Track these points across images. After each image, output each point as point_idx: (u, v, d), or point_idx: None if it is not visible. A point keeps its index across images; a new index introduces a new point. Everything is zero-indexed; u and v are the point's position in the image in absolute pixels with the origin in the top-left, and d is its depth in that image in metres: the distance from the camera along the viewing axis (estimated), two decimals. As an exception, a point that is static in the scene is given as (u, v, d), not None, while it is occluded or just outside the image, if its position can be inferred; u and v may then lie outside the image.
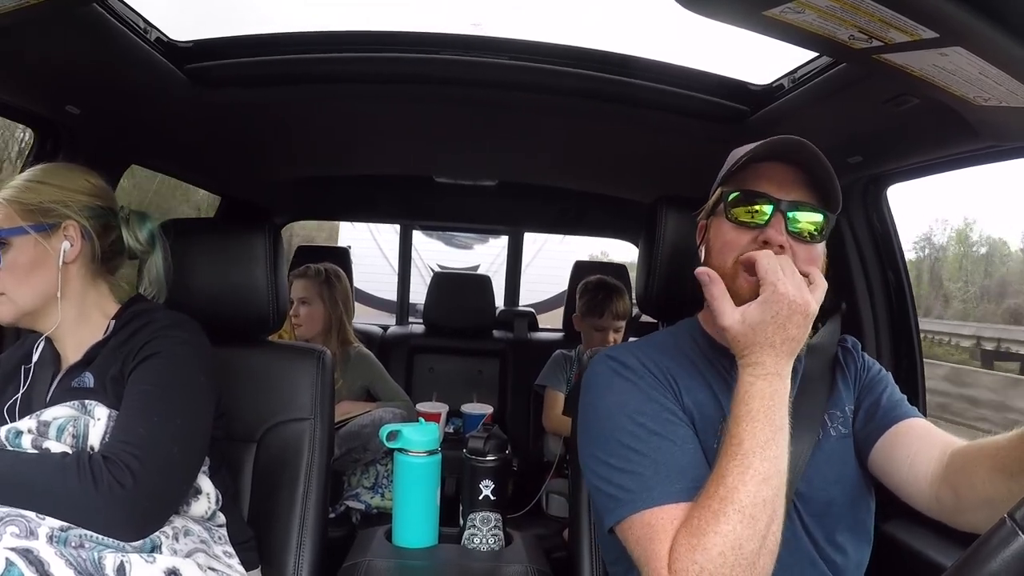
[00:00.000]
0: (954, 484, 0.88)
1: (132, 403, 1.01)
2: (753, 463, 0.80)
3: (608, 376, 1.00)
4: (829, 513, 0.97)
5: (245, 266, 1.35)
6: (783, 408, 0.84)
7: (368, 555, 1.42)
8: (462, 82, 1.45)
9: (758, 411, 0.83)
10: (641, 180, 2.26)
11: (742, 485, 0.79)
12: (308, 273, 2.39)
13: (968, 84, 0.88)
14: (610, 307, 2.51)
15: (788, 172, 0.97)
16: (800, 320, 0.84)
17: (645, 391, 0.97)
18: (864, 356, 1.10)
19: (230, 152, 2.10)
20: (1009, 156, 1.22)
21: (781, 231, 0.94)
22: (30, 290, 1.07)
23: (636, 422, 0.93)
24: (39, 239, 1.07)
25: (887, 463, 0.97)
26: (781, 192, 0.96)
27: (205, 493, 1.09)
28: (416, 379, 2.97)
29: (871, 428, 1.00)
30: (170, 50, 1.35)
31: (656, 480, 0.88)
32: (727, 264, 0.96)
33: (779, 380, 0.85)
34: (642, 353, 1.03)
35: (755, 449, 0.81)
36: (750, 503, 0.78)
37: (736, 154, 1.04)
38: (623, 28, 2.75)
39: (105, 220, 1.14)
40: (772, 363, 0.85)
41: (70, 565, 0.86)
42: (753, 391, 0.84)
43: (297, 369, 1.40)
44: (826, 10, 0.79)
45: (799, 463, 0.95)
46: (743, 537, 0.77)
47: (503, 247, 4.03)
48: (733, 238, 0.97)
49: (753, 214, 0.96)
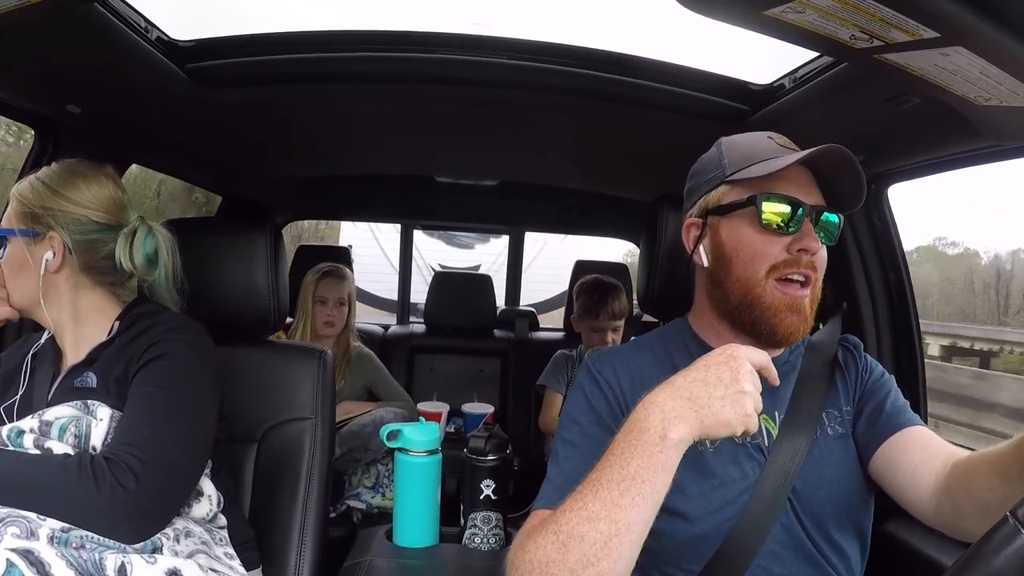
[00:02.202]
0: (953, 493, 0.87)
1: (136, 405, 1.01)
2: (587, 497, 0.76)
3: (581, 380, 1.05)
4: (826, 511, 0.97)
5: (246, 266, 1.35)
6: (645, 461, 0.74)
7: (369, 555, 1.42)
8: (463, 81, 1.45)
9: (623, 448, 0.76)
10: (642, 179, 2.26)
11: (569, 511, 0.76)
12: (344, 274, 2.40)
13: (969, 84, 0.88)
14: (606, 308, 2.50)
15: (805, 174, 0.96)
16: (729, 418, 0.75)
17: (590, 403, 1.00)
18: (866, 357, 1.09)
19: (231, 151, 2.10)
20: (1010, 156, 1.22)
21: (815, 236, 0.93)
22: (16, 290, 1.10)
23: (571, 431, 0.98)
24: (24, 245, 1.08)
25: (889, 470, 0.96)
26: (804, 195, 0.94)
27: (207, 495, 1.09)
28: (417, 379, 2.97)
29: (873, 433, 0.99)
30: (171, 49, 1.35)
31: (552, 486, 0.93)
32: (759, 274, 0.94)
33: (663, 441, 0.74)
34: (622, 360, 1.04)
35: (598, 483, 0.76)
36: (566, 532, 0.75)
37: (736, 146, 1.02)
38: (624, 27, 2.74)
39: (93, 236, 1.10)
40: (675, 421, 0.75)
41: (71, 566, 0.86)
42: (632, 425, 0.77)
43: (298, 369, 1.40)
44: (827, 10, 0.79)
45: (796, 461, 0.95)
46: (551, 559, 0.75)
47: (504, 247, 4.03)
48: (764, 246, 0.94)
49: (786, 221, 0.94)
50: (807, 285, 0.95)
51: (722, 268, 0.98)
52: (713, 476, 0.95)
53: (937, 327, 13.54)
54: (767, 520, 0.93)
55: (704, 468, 0.95)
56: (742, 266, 0.96)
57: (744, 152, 0.99)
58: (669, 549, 0.94)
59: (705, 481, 0.94)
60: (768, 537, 0.93)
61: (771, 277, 0.94)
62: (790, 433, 0.97)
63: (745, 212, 0.96)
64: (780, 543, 0.95)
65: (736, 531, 0.93)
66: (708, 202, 1.01)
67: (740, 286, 0.96)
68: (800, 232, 0.93)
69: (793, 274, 0.94)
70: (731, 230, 0.98)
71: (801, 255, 0.93)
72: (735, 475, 0.95)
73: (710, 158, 1.05)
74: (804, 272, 0.94)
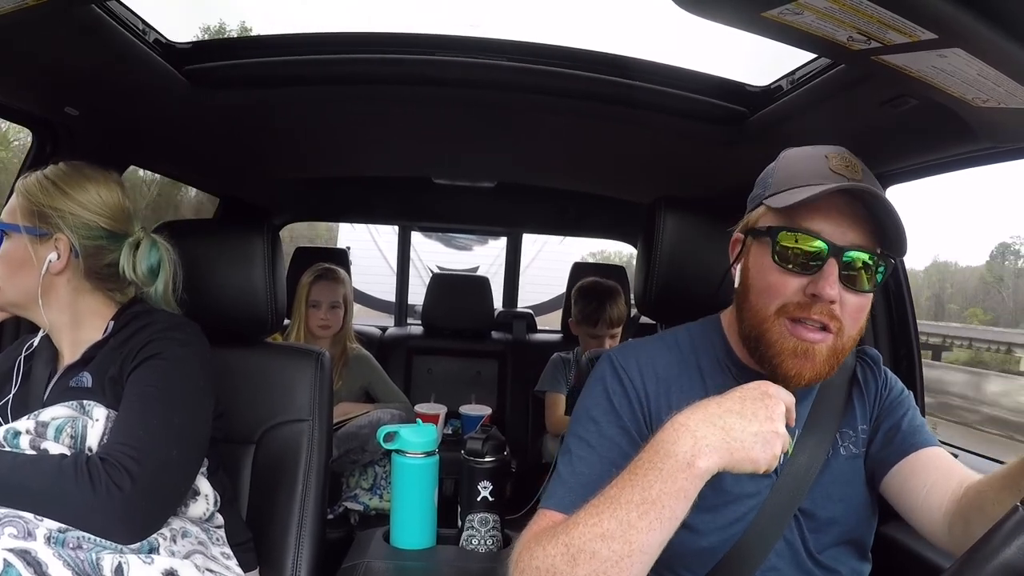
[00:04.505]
0: (966, 514, 0.85)
1: (131, 405, 1.01)
2: (604, 513, 0.74)
3: (602, 374, 1.00)
4: (831, 530, 0.96)
5: (243, 267, 1.35)
6: (668, 487, 0.72)
7: (366, 556, 1.42)
8: (460, 83, 1.45)
9: (647, 468, 0.74)
10: (640, 181, 2.26)
11: (582, 525, 0.75)
12: (338, 276, 2.39)
13: (967, 85, 0.88)
14: (603, 316, 2.50)
15: (849, 206, 0.87)
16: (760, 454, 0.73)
17: (611, 402, 0.96)
18: (886, 373, 1.05)
19: (229, 153, 2.09)
20: (1008, 157, 1.22)
21: (834, 283, 0.85)
22: (13, 287, 1.08)
23: (588, 428, 0.95)
24: (28, 243, 1.07)
25: (902, 489, 0.95)
26: (839, 232, 0.86)
27: (203, 495, 1.09)
28: (415, 380, 2.97)
29: (889, 452, 0.97)
30: (169, 51, 1.35)
31: (564, 487, 0.90)
32: (768, 310, 0.89)
33: (690, 469, 0.72)
34: (647, 357, 1.00)
35: (616, 501, 0.74)
36: (577, 546, 0.74)
37: (789, 162, 0.94)
38: (621, 29, 2.76)
39: (100, 242, 1.10)
40: (705, 450, 0.72)
41: (68, 566, 0.86)
42: (660, 447, 0.75)
43: (295, 370, 1.40)
44: (824, 11, 0.79)
45: (806, 480, 0.94)
46: (559, 570, 0.74)
47: (502, 248, 4.03)
48: (777, 282, 0.88)
49: (804, 261, 0.87)
50: (826, 331, 0.87)
51: (743, 294, 0.94)
52: (727, 492, 0.94)
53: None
54: (772, 534, 0.93)
55: (719, 484, 0.91)
56: (756, 297, 0.91)
57: (792, 171, 0.92)
58: (674, 557, 0.93)
59: (718, 496, 0.93)
60: (771, 551, 0.93)
61: (781, 316, 0.88)
62: (804, 451, 0.96)
63: (768, 241, 0.90)
64: (782, 558, 0.95)
65: (741, 543, 0.93)
66: (749, 221, 0.96)
67: (751, 316, 0.92)
68: (819, 275, 0.86)
69: (804, 318, 0.87)
70: (756, 257, 0.93)
71: (815, 300, 0.86)
72: (748, 490, 0.94)
73: (767, 170, 0.97)
74: (818, 320, 0.86)
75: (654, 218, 1.26)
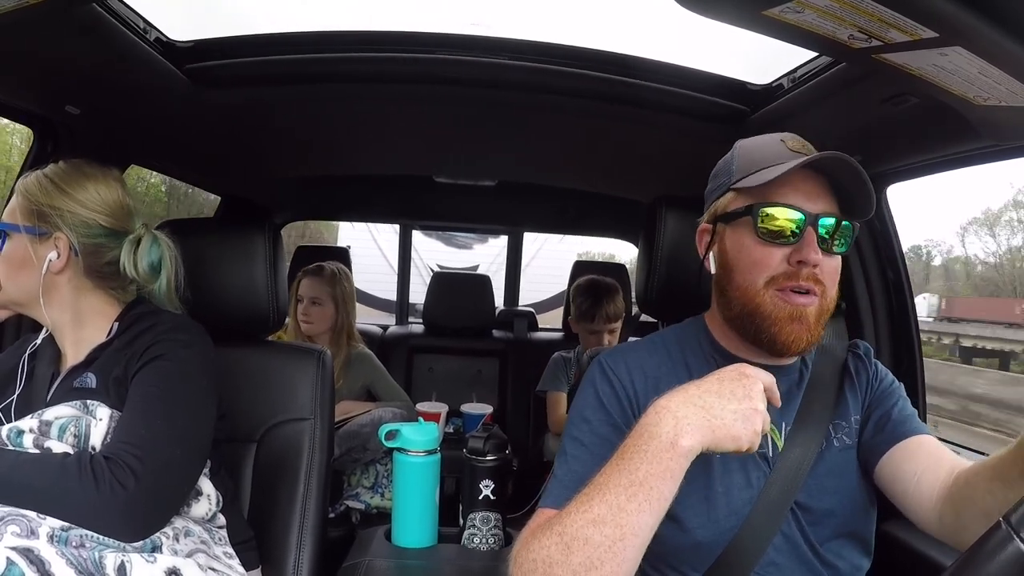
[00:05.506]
0: (956, 502, 0.87)
1: (135, 405, 1.01)
2: (594, 500, 0.76)
3: (592, 376, 1.03)
4: (829, 523, 0.97)
5: (245, 266, 1.35)
6: (654, 467, 0.74)
7: (368, 555, 1.42)
8: (462, 82, 1.45)
9: (632, 452, 0.76)
10: (641, 180, 2.26)
11: (574, 513, 0.76)
12: (323, 273, 2.39)
13: (968, 83, 0.88)
14: (600, 312, 2.50)
15: (813, 180, 0.94)
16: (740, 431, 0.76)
17: (601, 401, 0.99)
18: (877, 364, 1.08)
19: (229, 152, 2.10)
20: (1009, 155, 1.22)
21: (816, 248, 0.91)
22: (15, 286, 1.09)
23: (581, 428, 0.98)
24: (28, 243, 1.07)
25: (893, 476, 0.96)
26: (809, 203, 0.92)
27: (206, 494, 1.09)
28: (416, 379, 2.97)
29: (880, 440, 0.98)
30: (169, 50, 1.35)
31: (560, 485, 0.92)
32: (757, 284, 0.93)
33: (673, 448, 0.74)
34: (634, 356, 1.04)
35: (605, 487, 0.76)
36: (570, 534, 0.75)
37: (747, 151, 1.00)
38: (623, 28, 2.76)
39: (100, 240, 1.10)
40: (687, 429, 0.75)
41: (71, 565, 0.86)
42: (643, 430, 0.77)
43: (297, 369, 1.40)
44: (826, 10, 0.79)
45: (800, 473, 0.95)
46: (555, 560, 0.75)
47: (503, 247, 4.03)
48: (763, 256, 0.93)
49: (785, 231, 0.92)
50: (811, 294, 0.93)
51: (726, 276, 0.98)
52: (717, 485, 0.94)
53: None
54: (769, 529, 0.93)
55: (709, 476, 0.94)
56: (741, 275, 0.95)
57: (753, 157, 0.98)
58: (669, 552, 0.95)
59: (709, 489, 0.94)
60: (769, 546, 0.93)
61: (771, 288, 0.93)
62: (797, 444, 0.96)
63: (746, 221, 0.95)
64: (781, 552, 0.95)
65: (737, 539, 0.93)
66: (717, 209, 1.01)
67: (740, 295, 0.95)
68: (800, 243, 0.92)
69: (792, 287, 0.92)
70: (734, 239, 0.97)
71: (801, 267, 0.91)
72: (740, 483, 0.95)
73: (724, 162, 1.03)
74: (805, 285, 0.92)
75: (654, 217, 1.26)
